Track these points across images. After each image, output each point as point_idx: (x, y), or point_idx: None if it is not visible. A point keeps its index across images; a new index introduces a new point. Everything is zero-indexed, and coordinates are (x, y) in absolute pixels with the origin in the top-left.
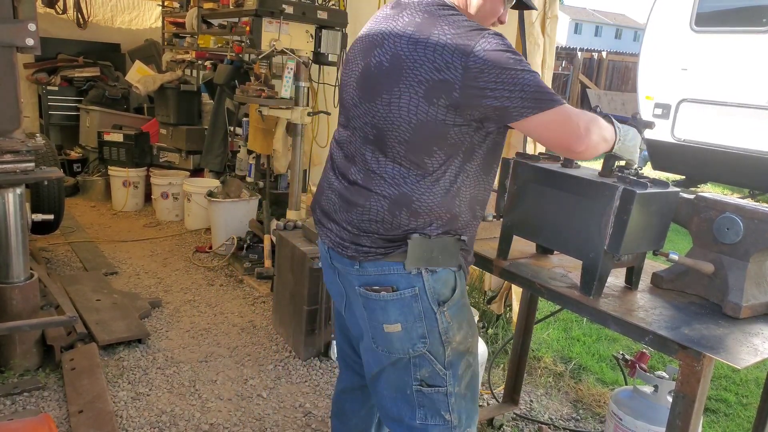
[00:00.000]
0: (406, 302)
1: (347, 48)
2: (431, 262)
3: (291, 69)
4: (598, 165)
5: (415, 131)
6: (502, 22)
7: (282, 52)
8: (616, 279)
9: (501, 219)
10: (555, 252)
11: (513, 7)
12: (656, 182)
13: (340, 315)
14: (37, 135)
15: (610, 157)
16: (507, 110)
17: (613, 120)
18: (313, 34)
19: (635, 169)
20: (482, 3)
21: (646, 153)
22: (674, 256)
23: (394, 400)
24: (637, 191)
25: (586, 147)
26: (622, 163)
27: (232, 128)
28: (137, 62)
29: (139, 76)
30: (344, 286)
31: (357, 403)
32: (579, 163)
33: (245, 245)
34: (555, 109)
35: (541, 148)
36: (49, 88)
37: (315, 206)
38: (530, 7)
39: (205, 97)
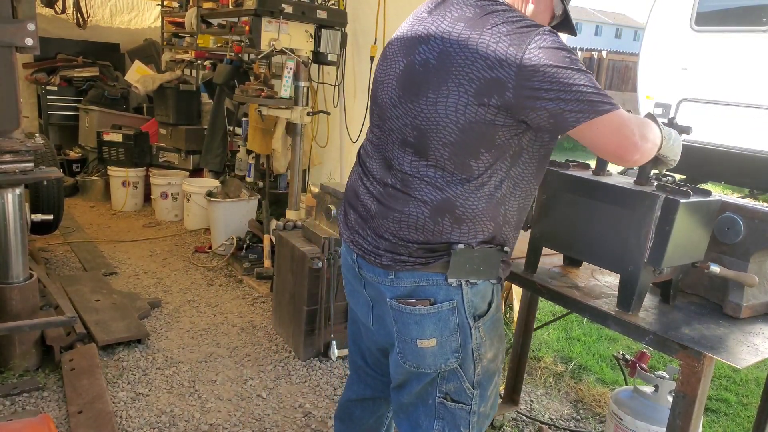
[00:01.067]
0: (443, 316)
1: (386, 47)
2: (473, 274)
3: (290, 69)
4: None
5: (462, 132)
6: None
7: (281, 52)
8: (615, 279)
9: (528, 230)
10: (583, 263)
11: (555, 28)
12: (697, 190)
13: (355, 325)
14: (37, 135)
15: (654, 161)
16: (562, 115)
17: (657, 120)
18: (313, 34)
19: (671, 176)
20: (533, 14)
21: None
22: (715, 269)
23: (415, 407)
24: (681, 200)
25: (641, 155)
26: (655, 171)
27: (231, 128)
28: (136, 62)
29: (139, 76)
30: (372, 297)
31: (367, 412)
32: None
33: (245, 245)
34: (611, 114)
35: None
36: (48, 88)
37: (345, 212)
38: (570, 32)
39: (205, 97)
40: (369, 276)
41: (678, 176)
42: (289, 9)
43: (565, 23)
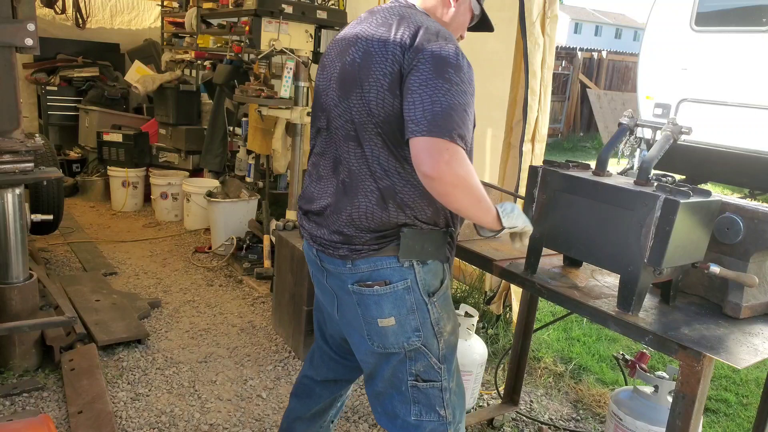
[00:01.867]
0: (398, 295)
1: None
2: (422, 254)
3: (290, 69)
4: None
5: (385, 123)
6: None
7: (281, 52)
8: (615, 279)
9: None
10: (583, 264)
11: (470, 29)
12: (697, 191)
13: (320, 312)
14: (36, 135)
15: (646, 166)
16: (406, 125)
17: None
18: (313, 34)
19: (671, 177)
20: (454, 15)
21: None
22: (715, 269)
23: (390, 397)
24: (681, 200)
25: (444, 175)
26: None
27: (231, 128)
28: (136, 62)
29: (139, 76)
30: (334, 287)
31: (327, 391)
32: (610, 171)
33: (244, 245)
34: (439, 141)
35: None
36: (48, 88)
37: (303, 213)
38: (488, 29)
39: (205, 97)
40: (330, 267)
41: (678, 176)
42: (289, 9)
43: (482, 21)
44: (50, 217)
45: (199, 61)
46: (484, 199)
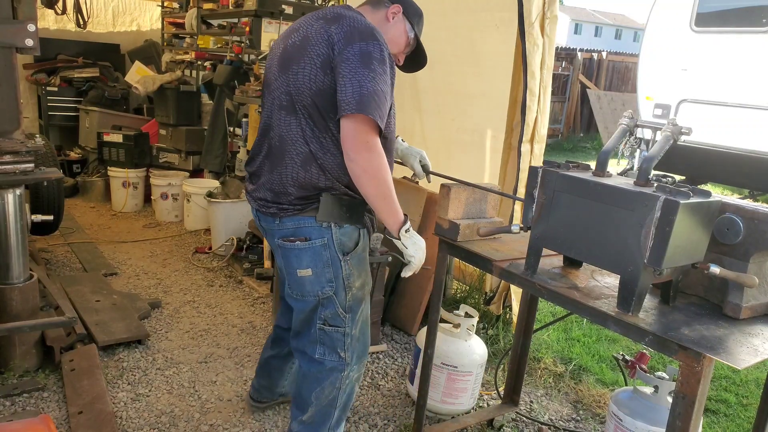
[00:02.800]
0: (316, 251)
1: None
2: (340, 218)
3: None
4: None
5: (315, 96)
6: (396, 63)
7: None
8: (615, 280)
9: (528, 231)
10: (583, 264)
11: (411, 54)
12: (697, 191)
13: (279, 268)
14: (37, 136)
15: (646, 167)
16: (339, 104)
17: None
18: None
19: (671, 177)
20: (389, 28)
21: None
22: (715, 270)
23: (302, 336)
24: (681, 201)
25: (363, 159)
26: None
27: (231, 129)
28: (137, 63)
29: (139, 77)
30: (271, 244)
31: (285, 363)
32: (611, 171)
33: (245, 246)
34: (368, 123)
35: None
36: (48, 88)
37: (247, 176)
38: (422, 64)
39: (205, 98)
40: (265, 225)
41: (678, 177)
42: (288, 10)
43: (417, 52)
44: (50, 217)
45: (199, 62)
46: (391, 199)
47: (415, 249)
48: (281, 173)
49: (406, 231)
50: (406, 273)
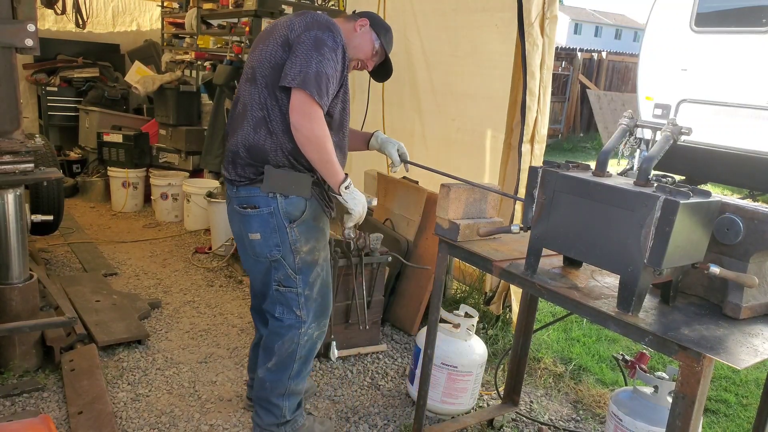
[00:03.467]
0: (264, 218)
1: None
2: (285, 189)
3: None
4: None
5: (272, 68)
6: (365, 68)
7: None
8: (614, 280)
9: (528, 231)
10: (583, 264)
11: (378, 66)
12: (696, 191)
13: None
14: (37, 136)
15: (646, 167)
16: (285, 75)
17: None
18: None
19: (671, 177)
20: (355, 36)
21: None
22: (715, 270)
23: (266, 297)
24: (681, 201)
25: (308, 136)
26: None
27: None
28: (137, 63)
29: (139, 77)
30: (230, 210)
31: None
32: (611, 171)
33: None
34: (310, 95)
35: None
36: (48, 88)
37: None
38: (387, 75)
39: (205, 98)
40: (229, 193)
41: (677, 177)
42: (288, 10)
43: (385, 63)
44: (50, 217)
45: (199, 62)
46: (331, 163)
47: (355, 203)
48: (237, 136)
49: (345, 188)
50: (348, 223)
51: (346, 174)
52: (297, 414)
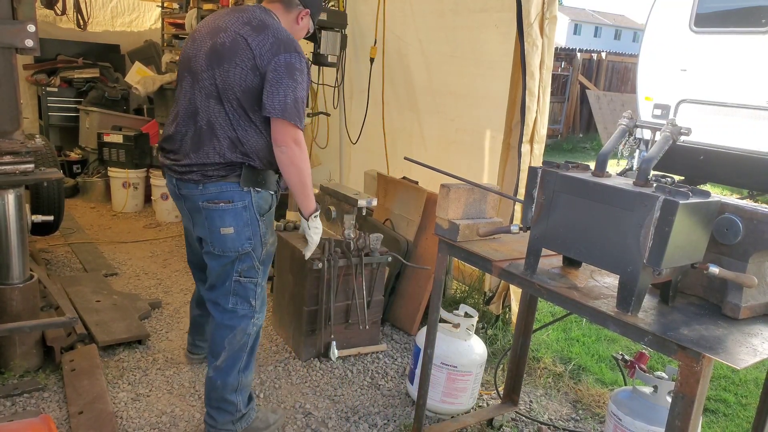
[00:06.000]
0: (238, 212)
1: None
2: (258, 185)
3: None
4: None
5: (243, 92)
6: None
7: None
8: (614, 280)
9: (528, 231)
10: (582, 264)
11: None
12: (696, 191)
13: (189, 234)
14: (37, 136)
15: (645, 167)
16: (265, 105)
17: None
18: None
19: (671, 178)
20: (297, 29)
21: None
22: (714, 270)
23: (215, 288)
24: (680, 201)
25: (292, 159)
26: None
27: None
28: (137, 63)
29: (139, 77)
30: (189, 208)
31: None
32: (610, 171)
33: None
34: (294, 124)
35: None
36: (48, 89)
37: (162, 150)
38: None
39: None
40: (185, 192)
41: (677, 177)
42: None
43: (313, 36)
44: (51, 218)
45: None
46: (308, 188)
47: (316, 232)
48: (209, 152)
49: (315, 216)
50: (307, 253)
51: (318, 204)
52: (250, 407)
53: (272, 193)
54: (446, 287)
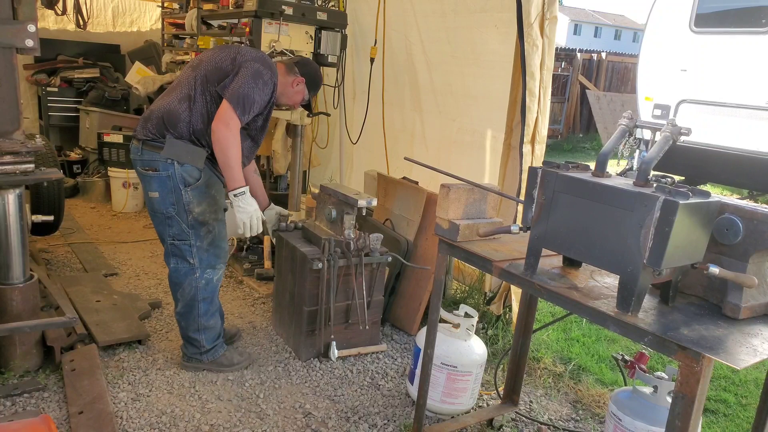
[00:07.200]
0: (162, 179)
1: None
2: (182, 158)
3: None
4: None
5: (215, 68)
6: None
7: (282, 53)
8: (614, 280)
9: (528, 231)
10: (582, 264)
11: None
12: (696, 191)
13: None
14: (37, 136)
15: (645, 167)
16: (225, 83)
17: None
18: (313, 36)
19: (671, 178)
20: (290, 91)
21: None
22: (714, 270)
23: (165, 253)
24: (680, 201)
25: (221, 139)
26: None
27: None
28: (137, 63)
29: (139, 77)
30: (136, 171)
31: None
32: (610, 172)
33: (245, 246)
34: (235, 111)
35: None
36: (48, 89)
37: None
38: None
39: None
40: (132, 155)
41: (677, 177)
42: (289, 10)
43: (307, 105)
44: (51, 218)
45: None
46: (232, 168)
47: (240, 210)
48: (163, 101)
49: (234, 195)
50: (238, 231)
51: (244, 185)
52: (217, 344)
53: (199, 168)
54: (446, 287)
